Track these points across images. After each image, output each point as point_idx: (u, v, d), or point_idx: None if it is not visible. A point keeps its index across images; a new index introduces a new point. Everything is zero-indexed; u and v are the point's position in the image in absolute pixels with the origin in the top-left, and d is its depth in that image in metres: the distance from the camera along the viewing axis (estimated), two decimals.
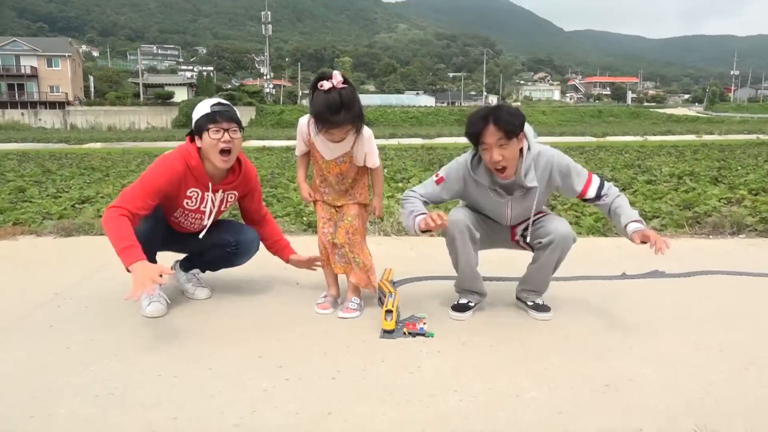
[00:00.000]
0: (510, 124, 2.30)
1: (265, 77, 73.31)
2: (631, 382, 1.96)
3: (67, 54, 62.18)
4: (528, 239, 2.59)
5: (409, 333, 2.34)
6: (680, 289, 3.05)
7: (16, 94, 58.13)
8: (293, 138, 3.65)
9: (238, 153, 2.62)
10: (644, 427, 1.67)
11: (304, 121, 2.57)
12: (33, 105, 56.20)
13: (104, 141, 29.01)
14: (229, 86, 78.48)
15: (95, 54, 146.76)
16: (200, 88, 61.96)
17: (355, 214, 2.65)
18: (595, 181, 2.49)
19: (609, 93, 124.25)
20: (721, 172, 9.68)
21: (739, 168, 10.41)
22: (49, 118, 53.05)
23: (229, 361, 2.12)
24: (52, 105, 56.20)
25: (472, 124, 2.36)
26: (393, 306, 2.42)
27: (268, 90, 66.00)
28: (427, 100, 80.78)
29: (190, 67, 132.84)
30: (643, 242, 2.33)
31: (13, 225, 5.22)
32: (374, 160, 2.63)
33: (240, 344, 2.28)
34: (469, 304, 2.62)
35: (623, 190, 7.60)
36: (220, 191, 2.67)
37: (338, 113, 2.34)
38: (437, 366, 2.08)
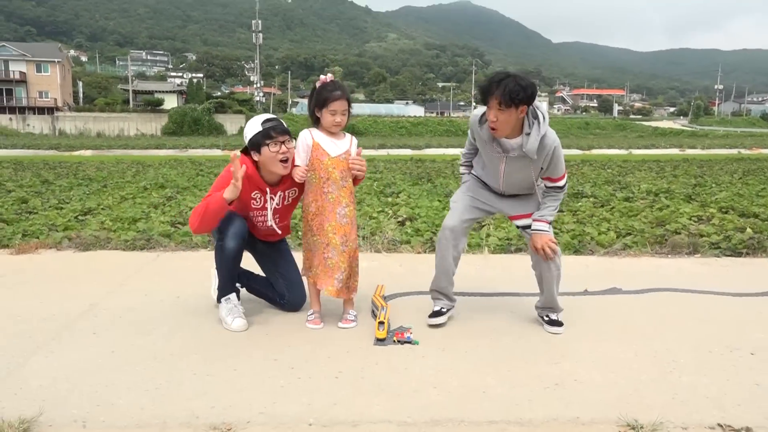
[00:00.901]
0: (510, 95, 2.63)
1: (255, 85, 73.67)
2: (576, 381, 2.43)
3: (56, 59, 62.26)
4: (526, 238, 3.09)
5: (398, 341, 2.80)
6: (632, 305, 3.54)
7: (5, 99, 58.11)
8: None
9: (293, 158, 3.02)
10: (580, 416, 2.15)
11: (305, 132, 3.04)
12: (21, 110, 56.21)
13: (94, 148, 29.11)
14: (219, 93, 78.72)
15: (84, 59, 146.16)
16: (190, 96, 62.16)
17: (355, 237, 3.07)
18: (562, 181, 2.97)
19: (596, 105, 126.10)
20: (695, 189, 10.24)
21: (713, 185, 10.99)
22: (37, 124, 53.06)
23: (250, 362, 2.57)
24: (41, 110, 56.23)
25: (484, 86, 2.76)
26: (385, 318, 2.89)
27: (258, 98, 66.34)
28: (416, 110, 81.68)
29: (180, 74, 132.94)
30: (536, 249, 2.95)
31: (23, 236, 5.62)
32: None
33: (257, 349, 2.73)
34: (442, 310, 3.09)
35: (602, 206, 8.14)
36: (279, 192, 3.10)
37: (337, 90, 2.94)
38: (421, 368, 2.55)
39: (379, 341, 2.81)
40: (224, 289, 3.07)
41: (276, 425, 2.04)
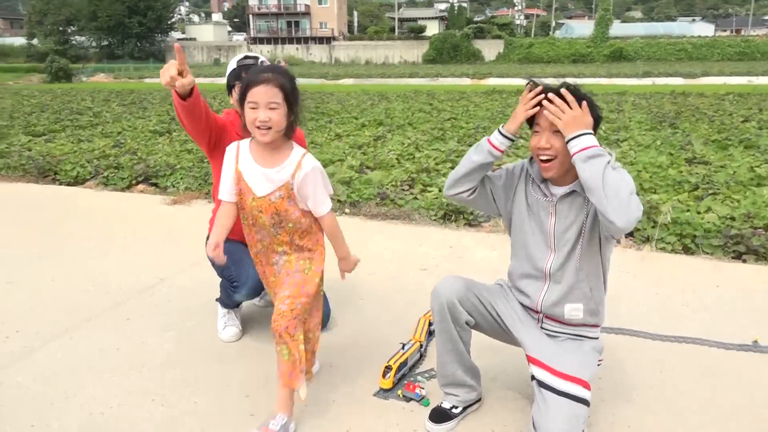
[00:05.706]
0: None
1: (516, 6, 70.52)
2: None
3: None
4: None
5: (404, 395, 2.20)
6: None
7: (293, 31, 65.51)
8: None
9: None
10: None
11: (232, 148, 2.02)
12: (305, 40, 62.84)
13: (357, 77, 31.19)
14: (482, 17, 77.47)
15: None
16: (451, 21, 62.44)
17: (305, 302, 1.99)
18: None
19: None
20: None
21: None
22: (317, 53, 59.04)
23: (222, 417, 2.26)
24: (320, 40, 62.15)
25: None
26: (395, 362, 2.28)
27: (518, 21, 63.63)
28: (704, 29, 69.77)
29: None
30: None
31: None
32: (321, 207, 2.01)
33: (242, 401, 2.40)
34: (452, 410, 2.08)
35: None
36: None
37: (265, 72, 1.92)
38: None
39: (383, 392, 2.24)
40: (225, 304, 2.79)
41: None
